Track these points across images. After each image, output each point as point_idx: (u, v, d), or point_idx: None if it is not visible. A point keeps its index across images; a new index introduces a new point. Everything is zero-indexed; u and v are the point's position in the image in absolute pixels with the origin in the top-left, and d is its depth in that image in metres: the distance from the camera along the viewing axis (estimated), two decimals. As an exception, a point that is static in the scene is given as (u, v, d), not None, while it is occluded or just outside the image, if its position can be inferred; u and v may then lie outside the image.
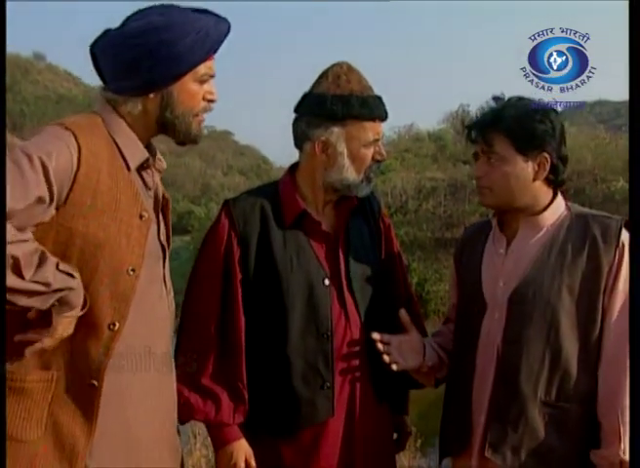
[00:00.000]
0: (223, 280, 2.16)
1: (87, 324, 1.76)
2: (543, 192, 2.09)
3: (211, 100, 1.93)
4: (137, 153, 1.87)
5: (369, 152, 2.18)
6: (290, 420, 2.18)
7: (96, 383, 1.76)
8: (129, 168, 1.84)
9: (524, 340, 2.02)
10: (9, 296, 1.60)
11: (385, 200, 23.02)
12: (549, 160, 2.04)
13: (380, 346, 2.12)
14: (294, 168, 2.30)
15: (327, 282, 2.18)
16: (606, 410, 2.00)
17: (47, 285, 1.63)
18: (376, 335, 2.12)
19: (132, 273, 1.79)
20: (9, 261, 1.56)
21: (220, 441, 2.17)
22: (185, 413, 2.10)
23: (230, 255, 2.16)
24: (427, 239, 22.48)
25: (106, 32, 1.84)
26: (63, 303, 1.69)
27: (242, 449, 2.16)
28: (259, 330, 2.17)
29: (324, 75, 2.18)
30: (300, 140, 2.22)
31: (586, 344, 2.02)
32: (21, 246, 1.60)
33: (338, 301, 2.19)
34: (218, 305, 2.15)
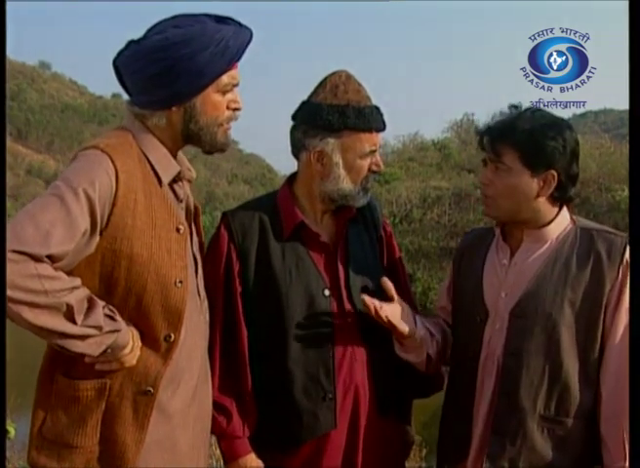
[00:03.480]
0: (225, 293, 2.15)
1: (144, 338, 1.80)
2: (547, 208, 2.06)
3: (236, 109, 1.92)
4: (169, 168, 1.87)
5: (365, 163, 2.16)
6: (292, 433, 2.16)
7: (152, 390, 1.79)
8: (161, 183, 1.85)
9: (524, 354, 2.00)
10: (63, 342, 1.65)
11: (390, 209, 23.02)
12: (556, 178, 2.00)
13: (370, 302, 2.05)
14: (292, 178, 2.28)
15: (327, 292, 2.16)
16: (611, 428, 1.98)
17: (99, 328, 1.67)
18: (366, 297, 2.06)
19: (180, 285, 1.82)
20: (62, 308, 1.61)
21: (231, 454, 2.16)
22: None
23: (230, 269, 2.15)
24: (432, 248, 22.46)
25: (128, 45, 1.83)
26: (115, 347, 1.72)
27: (253, 463, 2.15)
28: (260, 342, 2.16)
29: (322, 84, 2.16)
30: (296, 149, 2.20)
31: (586, 360, 2.01)
32: (74, 293, 1.64)
33: (340, 313, 2.17)
34: (220, 318, 2.14)
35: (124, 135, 1.84)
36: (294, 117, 2.20)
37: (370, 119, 2.12)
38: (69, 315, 1.62)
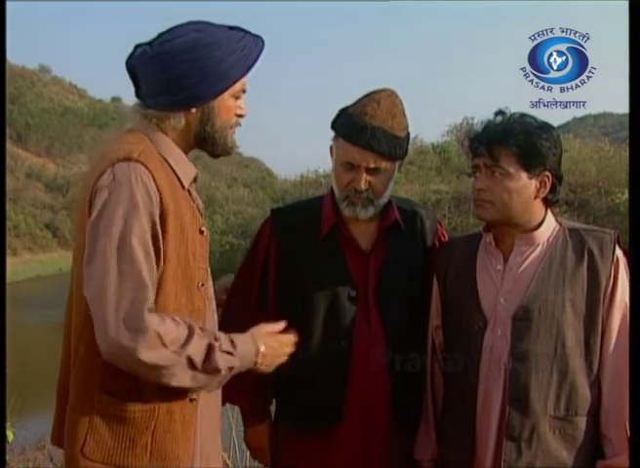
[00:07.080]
0: (260, 287, 2.23)
1: None
2: (539, 210, 2.10)
3: (240, 115, 1.95)
4: (188, 170, 1.89)
5: (345, 175, 2.17)
6: (299, 425, 2.22)
7: (196, 396, 1.80)
8: (183, 186, 1.86)
9: (532, 356, 2.02)
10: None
11: (389, 212, 22.91)
12: (550, 178, 2.05)
13: None
14: None
15: (353, 293, 2.19)
16: (612, 422, 2.00)
17: (218, 371, 1.73)
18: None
19: (202, 288, 1.84)
20: (183, 361, 1.67)
21: (251, 421, 2.31)
22: (226, 397, 2.16)
23: (267, 264, 2.22)
24: (431, 251, 22.37)
25: (138, 47, 1.84)
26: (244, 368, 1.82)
27: (267, 430, 2.30)
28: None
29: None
30: None
31: (590, 356, 2.03)
32: (197, 344, 1.70)
33: (363, 315, 2.20)
34: (253, 306, 2.21)
35: (142, 138, 1.84)
36: None
37: (353, 131, 2.12)
38: (192, 366, 1.68)
